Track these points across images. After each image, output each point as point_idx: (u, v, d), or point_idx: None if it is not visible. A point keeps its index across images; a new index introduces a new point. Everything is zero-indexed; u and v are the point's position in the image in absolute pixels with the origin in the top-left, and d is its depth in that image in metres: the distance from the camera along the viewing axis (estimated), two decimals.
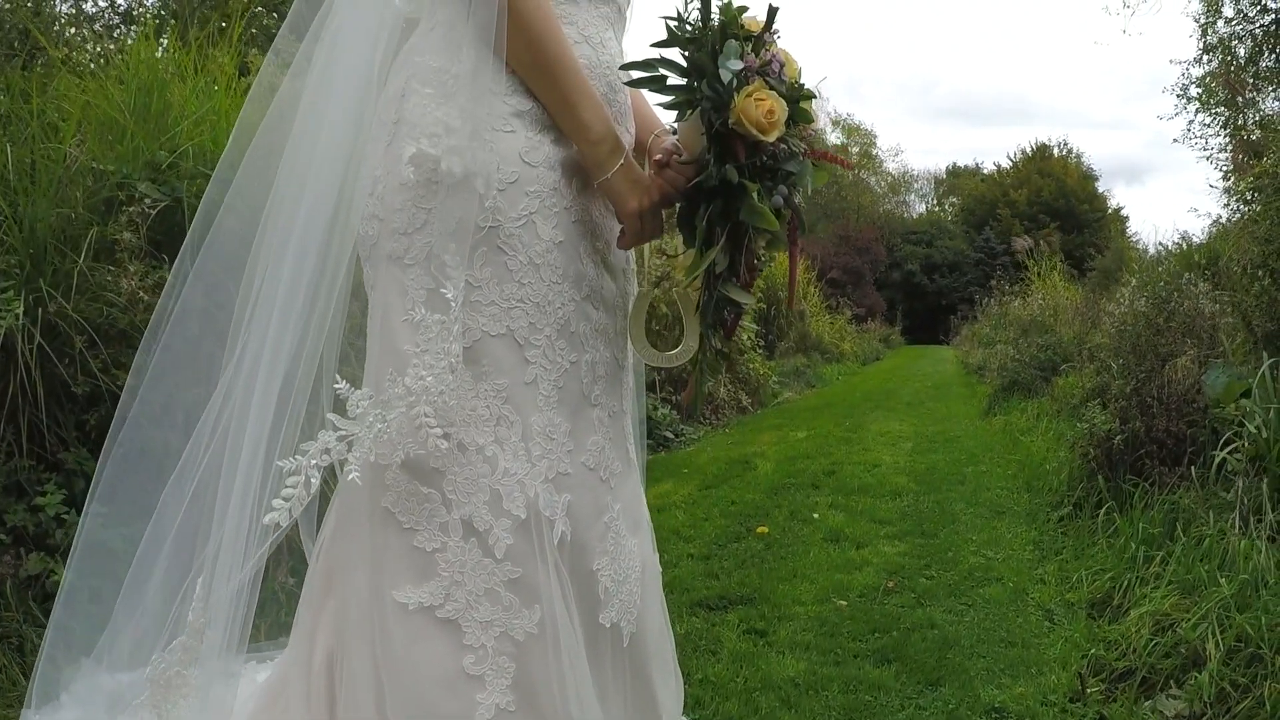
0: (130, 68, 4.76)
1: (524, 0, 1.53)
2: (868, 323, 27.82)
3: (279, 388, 1.57)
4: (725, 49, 1.53)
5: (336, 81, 1.68)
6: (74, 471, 3.57)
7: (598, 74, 1.66)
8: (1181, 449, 4.43)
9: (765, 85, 1.54)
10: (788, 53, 1.63)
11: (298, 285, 1.60)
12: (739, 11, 1.56)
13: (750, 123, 1.51)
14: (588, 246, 1.65)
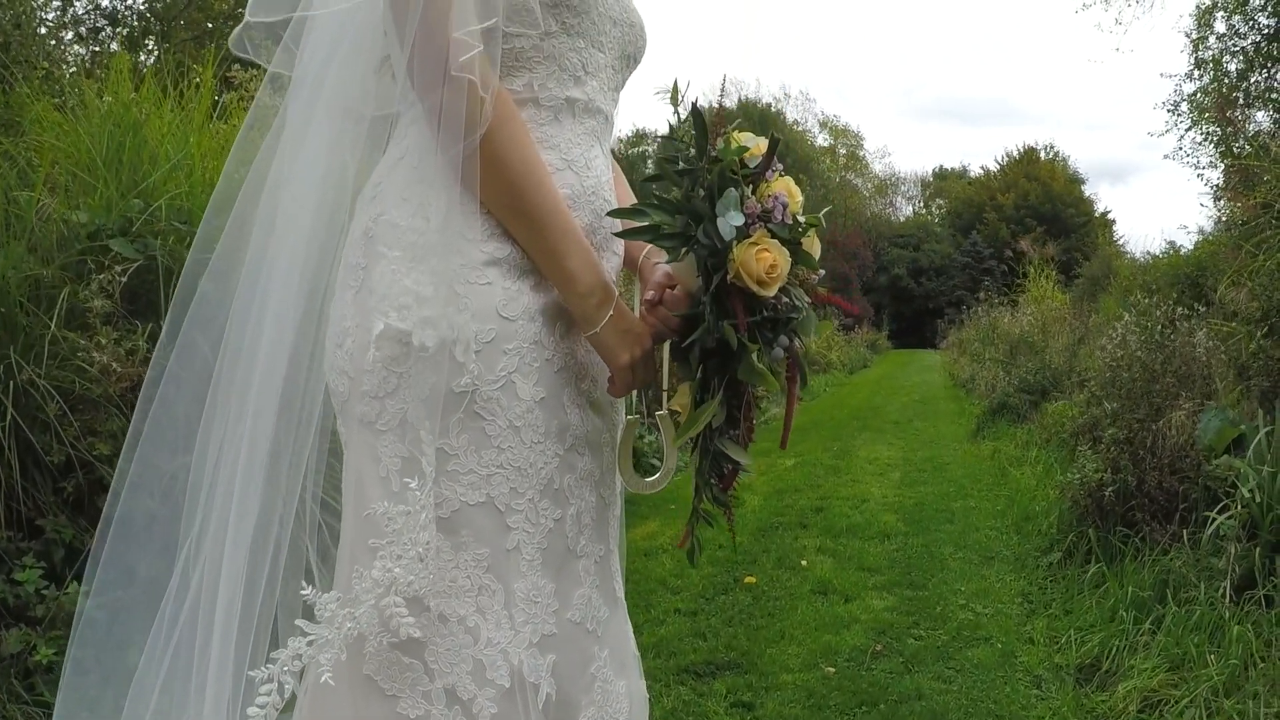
0: (103, 107, 4.68)
1: (500, 143, 1.44)
2: (855, 330, 27.79)
3: (243, 592, 1.50)
4: (724, 198, 1.44)
5: (299, 199, 1.60)
6: (53, 540, 3.51)
7: (582, 202, 1.57)
8: (1173, 505, 4.38)
9: (767, 233, 1.46)
10: (790, 184, 1.54)
11: (256, 457, 1.52)
12: (740, 151, 1.47)
13: (751, 278, 1.43)
14: (572, 393, 1.57)
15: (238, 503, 1.52)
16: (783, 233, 1.47)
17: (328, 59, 1.57)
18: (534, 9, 1.48)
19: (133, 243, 3.84)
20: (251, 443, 1.56)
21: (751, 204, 1.45)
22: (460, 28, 1.38)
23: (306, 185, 1.60)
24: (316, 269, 1.61)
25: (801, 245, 1.53)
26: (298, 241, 1.60)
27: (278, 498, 1.57)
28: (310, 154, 1.61)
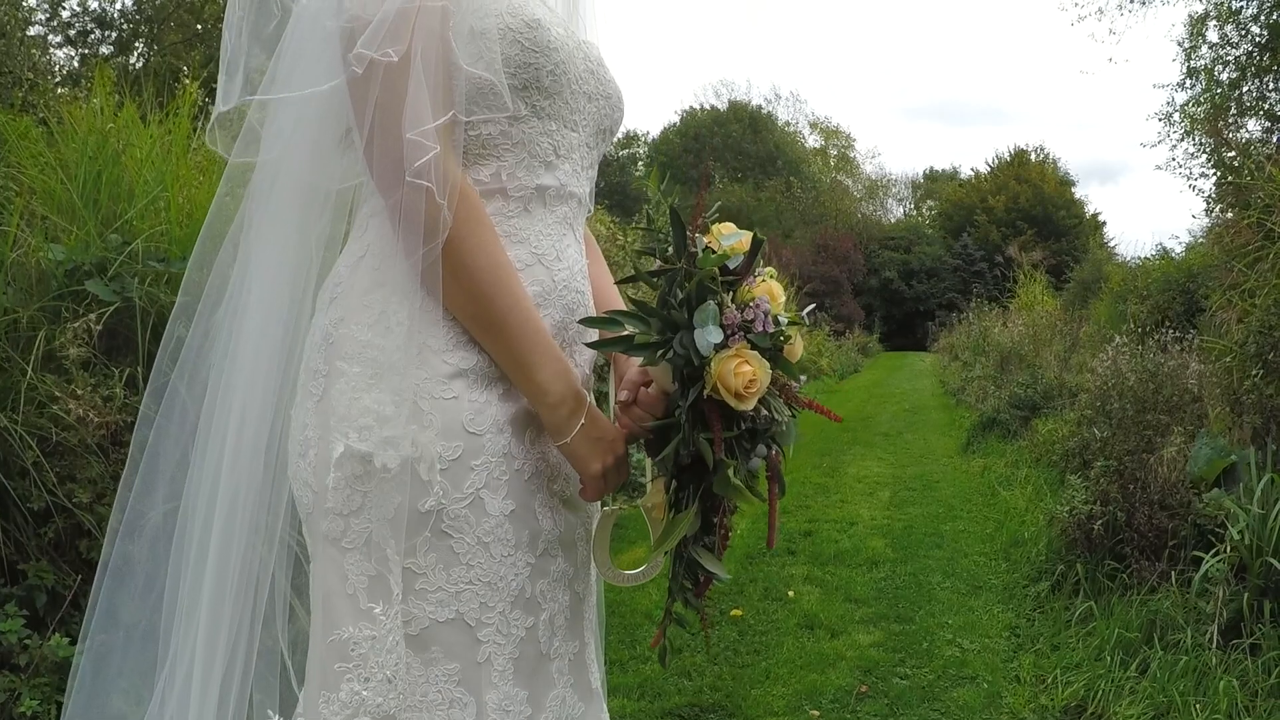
0: (81, 136, 4.63)
1: (464, 250, 1.40)
2: (846, 335, 27.76)
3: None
4: (701, 311, 1.40)
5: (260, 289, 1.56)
6: (35, 586, 3.48)
7: (553, 298, 1.53)
8: (1162, 541, 4.36)
9: (747, 345, 1.42)
10: (773, 287, 1.50)
11: (224, 593, 1.49)
12: (720, 259, 1.42)
13: (729, 392, 1.39)
14: (544, 497, 1.53)
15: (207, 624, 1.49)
16: (764, 342, 1.43)
17: (291, 136, 1.53)
18: (501, 93, 1.44)
19: (109, 284, 3.79)
20: (221, 555, 1.53)
21: (731, 315, 1.41)
22: (414, 127, 1.34)
23: (268, 281, 1.56)
24: (283, 365, 1.57)
25: (783, 352, 1.49)
26: (260, 337, 1.56)
27: (248, 609, 1.54)
28: (274, 244, 1.57)
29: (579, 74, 1.57)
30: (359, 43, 1.34)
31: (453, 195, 1.37)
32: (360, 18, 1.35)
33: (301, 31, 1.48)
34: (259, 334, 1.55)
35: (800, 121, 55.12)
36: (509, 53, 1.44)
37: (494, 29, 1.42)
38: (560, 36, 1.52)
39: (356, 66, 1.35)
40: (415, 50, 1.35)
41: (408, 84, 1.34)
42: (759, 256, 1.49)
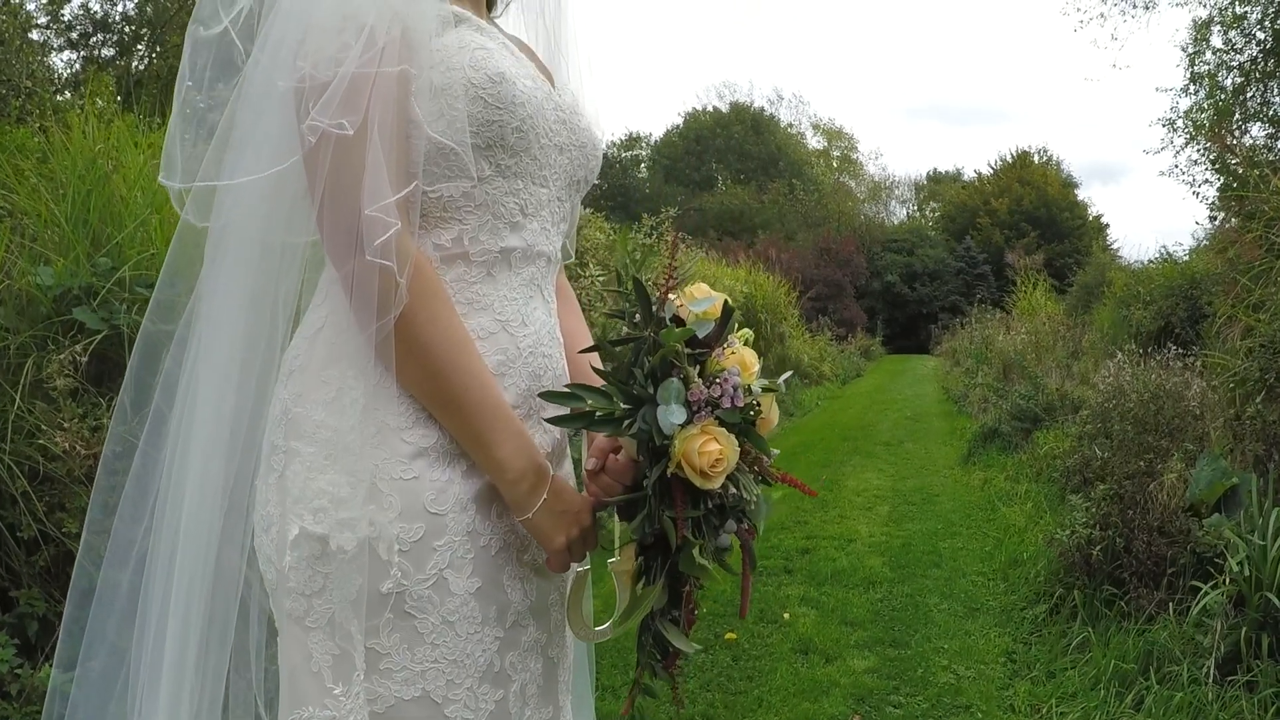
0: (71, 157, 4.60)
1: (419, 325, 1.35)
2: (849, 339, 27.70)
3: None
4: (665, 388, 1.35)
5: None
6: (27, 614, 3.47)
7: (518, 365, 1.48)
8: (1161, 570, 4.31)
9: (714, 421, 1.37)
10: (745, 356, 1.45)
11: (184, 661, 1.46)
12: (684, 334, 1.37)
13: (693, 470, 1.35)
14: (513, 569, 1.48)
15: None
16: (733, 418, 1.38)
17: (246, 194, 1.48)
18: (463, 155, 1.40)
19: (97, 311, 3.76)
20: (185, 621, 1.50)
21: (697, 390, 1.36)
22: (374, 202, 1.29)
23: (220, 350, 1.52)
24: (242, 437, 1.54)
25: (756, 424, 1.45)
26: (214, 410, 1.53)
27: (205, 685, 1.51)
28: (227, 307, 1.52)
29: (548, 126, 1.52)
30: (313, 111, 1.29)
31: (409, 268, 1.33)
32: (313, 78, 1.31)
33: (253, 92, 1.43)
34: (213, 408, 1.52)
35: (803, 123, 55.09)
36: (471, 110, 1.39)
37: (457, 84, 1.38)
38: (527, 89, 1.46)
39: (310, 136, 1.30)
40: (373, 120, 1.31)
41: (365, 157, 1.30)
42: (731, 322, 1.45)
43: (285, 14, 1.39)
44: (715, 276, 15.57)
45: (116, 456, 1.65)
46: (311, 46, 1.32)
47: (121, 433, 1.67)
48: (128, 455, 1.62)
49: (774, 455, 1.49)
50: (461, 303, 1.44)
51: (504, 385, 1.46)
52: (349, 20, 1.32)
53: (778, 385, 1.51)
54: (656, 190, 45.00)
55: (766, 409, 1.50)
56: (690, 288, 1.48)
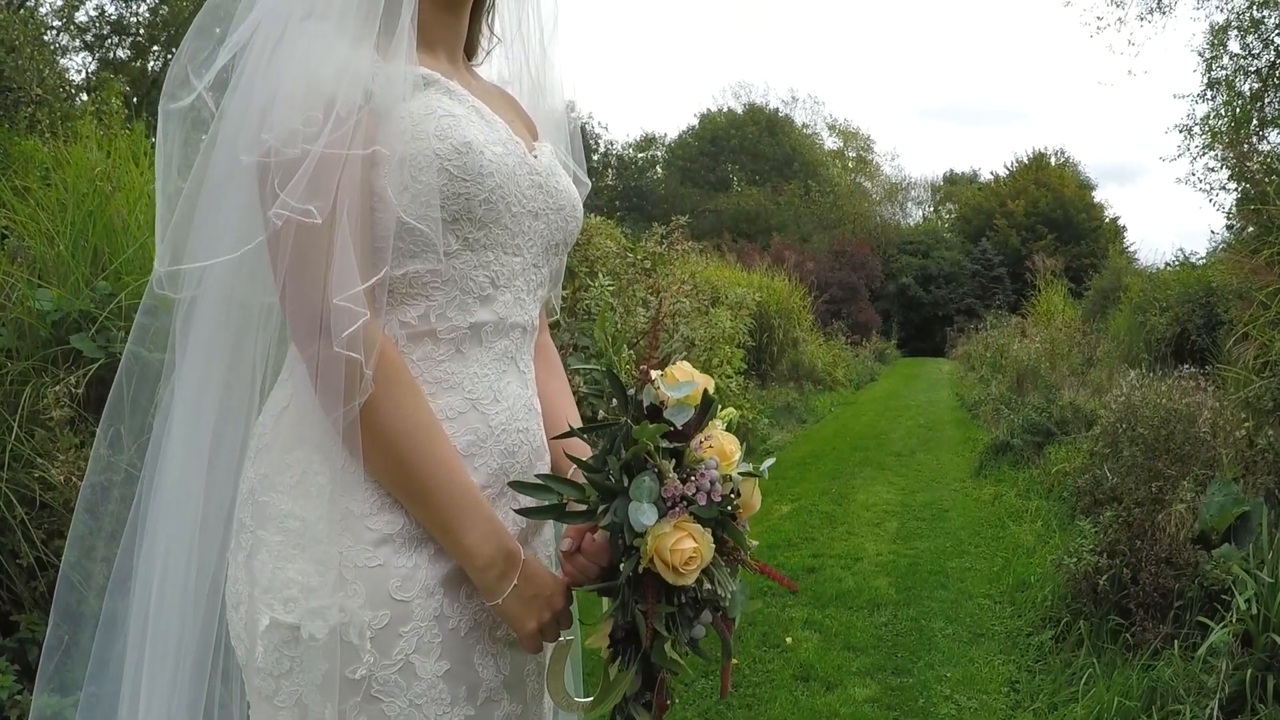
0: (72, 178, 4.59)
1: (384, 412, 1.33)
2: (863, 343, 27.59)
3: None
4: (638, 486, 1.31)
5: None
6: (27, 639, 3.48)
7: (490, 444, 1.45)
8: (1168, 602, 4.26)
9: (690, 518, 1.33)
10: (725, 445, 1.41)
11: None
12: (659, 430, 1.33)
13: (666, 568, 1.32)
14: (485, 646, 1.45)
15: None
16: (709, 514, 1.34)
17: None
18: (430, 236, 1.36)
19: (95, 339, 3.75)
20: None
21: (672, 487, 1.32)
22: (342, 291, 1.27)
23: (190, 413, 1.51)
24: (215, 501, 1.52)
25: (736, 514, 1.41)
26: (181, 480, 1.52)
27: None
28: (198, 368, 1.51)
29: (520, 194, 1.48)
30: (279, 197, 1.26)
31: (375, 356, 1.31)
32: (279, 153, 1.28)
33: (217, 165, 1.41)
34: (180, 478, 1.51)
35: (818, 124, 54.93)
36: (437, 182, 1.36)
37: (424, 154, 1.35)
38: (496, 157, 1.42)
39: (276, 220, 1.28)
40: (341, 206, 1.28)
41: (333, 244, 1.27)
42: (712, 410, 1.41)
43: (249, 83, 1.37)
44: (730, 281, 15.53)
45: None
46: (277, 118, 1.29)
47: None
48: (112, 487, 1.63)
49: (753, 547, 1.46)
50: (429, 381, 1.41)
51: (474, 466, 1.43)
52: (315, 92, 1.29)
53: (759, 471, 1.48)
54: (672, 191, 44.95)
55: (748, 494, 1.47)
56: (673, 368, 1.44)
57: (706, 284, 12.40)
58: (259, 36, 1.37)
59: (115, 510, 1.66)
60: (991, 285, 41.67)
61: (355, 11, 1.36)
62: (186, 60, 1.44)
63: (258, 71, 1.35)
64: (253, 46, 1.37)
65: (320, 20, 1.35)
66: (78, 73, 22.84)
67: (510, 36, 1.76)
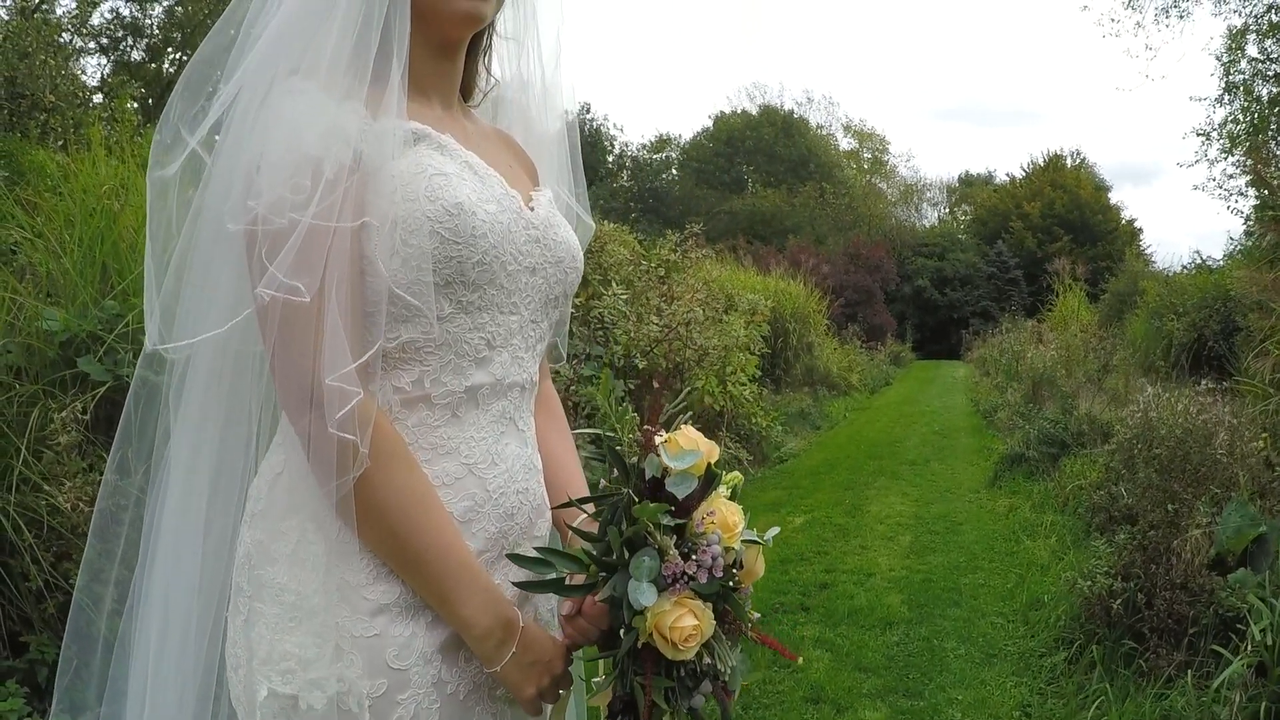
0: (80, 192, 4.59)
1: (377, 487, 1.31)
2: (878, 347, 27.51)
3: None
4: (638, 565, 1.30)
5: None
6: (37, 660, 3.49)
7: (488, 509, 1.43)
8: (1182, 629, 4.21)
9: (690, 594, 1.31)
10: (728, 516, 1.38)
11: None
12: (659, 510, 1.31)
13: (665, 643, 1.30)
14: (485, 706, 1.45)
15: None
16: (710, 589, 1.32)
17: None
18: (422, 308, 1.34)
19: (103, 361, 3.74)
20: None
21: (673, 564, 1.30)
22: (333, 370, 1.24)
23: (184, 469, 1.50)
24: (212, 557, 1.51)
25: (737, 589, 1.39)
26: (178, 539, 1.51)
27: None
28: (194, 421, 1.49)
29: (516, 252, 1.46)
30: (267, 269, 1.24)
31: (368, 433, 1.28)
32: (266, 221, 1.26)
33: (204, 233, 1.39)
34: (176, 536, 1.49)
35: (833, 125, 54.80)
36: (428, 246, 1.33)
37: (415, 216, 1.32)
38: (489, 216, 1.40)
39: (263, 296, 1.25)
40: (330, 281, 1.25)
41: (323, 322, 1.25)
42: (715, 483, 1.39)
43: (234, 146, 1.35)
44: (745, 286, 15.50)
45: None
46: (263, 185, 1.27)
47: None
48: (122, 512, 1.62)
49: (755, 619, 1.44)
50: (425, 447, 1.39)
51: (471, 532, 1.42)
52: (301, 156, 1.26)
53: (763, 540, 1.46)
54: (686, 193, 44.89)
55: (751, 561, 1.45)
56: (676, 434, 1.41)
57: (720, 290, 12.36)
58: (244, 95, 1.35)
59: (125, 534, 1.65)
60: (1007, 288, 41.52)
61: (344, 66, 1.33)
62: (176, 118, 1.41)
63: (243, 134, 1.33)
64: (237, 106, 1.35)
65: (306, 76, 1.32)
66: (93, 74, 22.93)
67: (510, 75, 1.73)
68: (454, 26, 1.48)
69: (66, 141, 9.47)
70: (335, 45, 1.33)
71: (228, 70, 1.41)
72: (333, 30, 1.34)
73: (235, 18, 1.45)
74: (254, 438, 1.52)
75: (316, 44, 1.34)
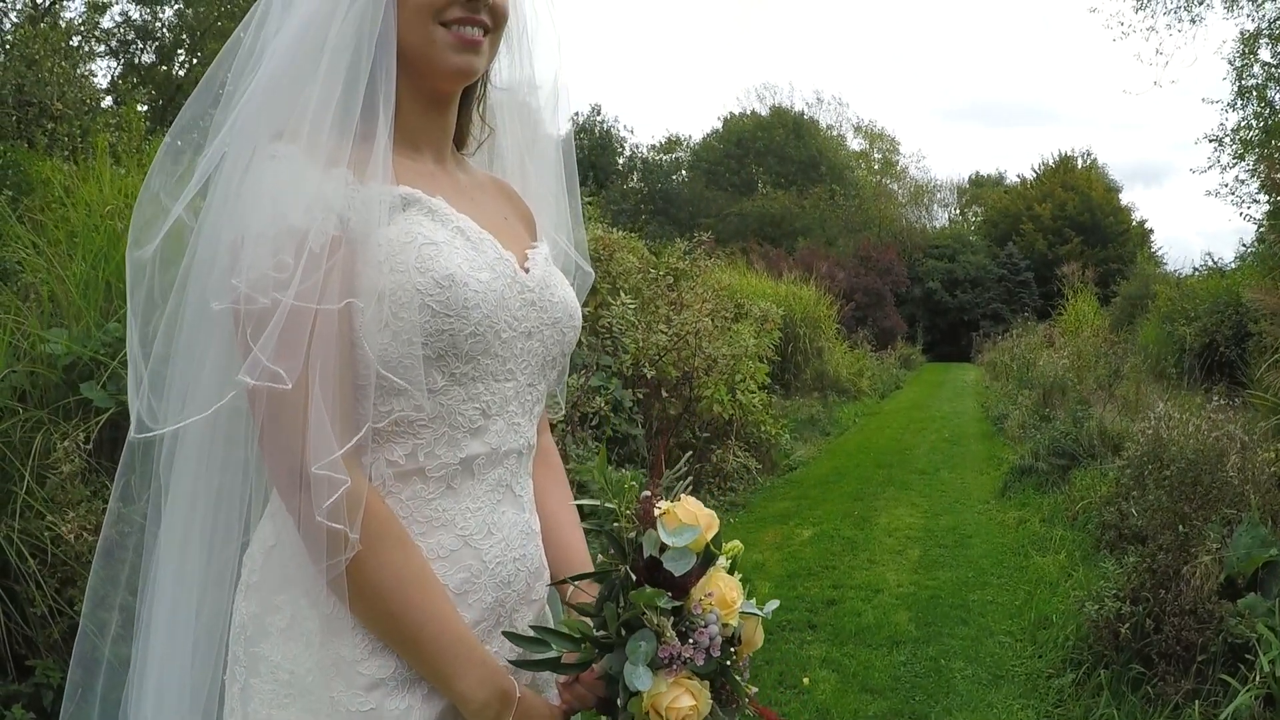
0: (87, 211, 4.59)
1: (371, 569, 1.29)
2: (888, 350, 27.44)
3: None
4: (634, 648, 1.28)
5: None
6: (42, 684, 3.50)
7: (483, 580, 1.42)
8: (1191, 656, 4.18)
9: (688, 673, 1.30)
10: (727, 593, 1.36)
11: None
12: (655, 596, 1.29)
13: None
14: None
15: None
16: (708, 668, 1.31)
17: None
18: (413, 385, 1.32)
19: (106, 387, 3.73)
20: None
21: (670, 646, 1.28)
22: (320, 458, 1.23)
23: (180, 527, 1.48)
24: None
25: (732, 666, 1.37)
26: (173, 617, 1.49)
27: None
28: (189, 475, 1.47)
29: (511, 318, 1.43)
30: (252, 351, 1.22)
31: (359, 517, 1.27)
32: (249, 300, 1.24)
33: (188, 310, 1.38)
34: (170, 619, 1.48)
35: (843, 125, 54.67)
36: (419, 319, 1.31)
37: (404, 289, 1.30)
38: (483, 286, 1.37)
39: (247, 381, 1.23)
40: (315, 367, 1.24)
41: (307, 410, 1.23)
42: (714, 562, 1.37)
43: (216, 219, 1.33)
44: (756, 292, 15.48)
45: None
46: (246, 261, 1.25)
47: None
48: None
49: (753, 693, 1.42)
50: (419, 520, 1.38)
51: (467, 603, 1.40)
52: (284, 230, 1.24)
53: (763, 613, 1.44)
54: (696, 194, 44.82)
55: (749, 634, 1.43)
56: (676, 506, 1.39)
57: (730, 298, 12.33)
58: (226, 164, 1.33)
59: (130, 560, 1.64)
60: (1018, 290, 41.41)
61: (328, 127, 1.31)
62: (158, 188, 1.40)
63: (226, 204, 1.31)
64: (221, 172, 1.34)
65: (290, 140, 1.30)
66: (104, 76, 22.99)
67: (505, 123, 1.71)
68: (445, 80, 1.46)
69: (74, 149, 9.46)
70: (319, 105, 1.31)
71: (212, 129, 1.39)
72: (316, 88, 1.32)
73: (218, 76, 1.43)
74: (247, 509, 1.50)
75: (301, 104, 1.32)
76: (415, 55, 1.41)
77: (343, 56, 1.33)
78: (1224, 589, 4.48)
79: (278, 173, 1.28)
